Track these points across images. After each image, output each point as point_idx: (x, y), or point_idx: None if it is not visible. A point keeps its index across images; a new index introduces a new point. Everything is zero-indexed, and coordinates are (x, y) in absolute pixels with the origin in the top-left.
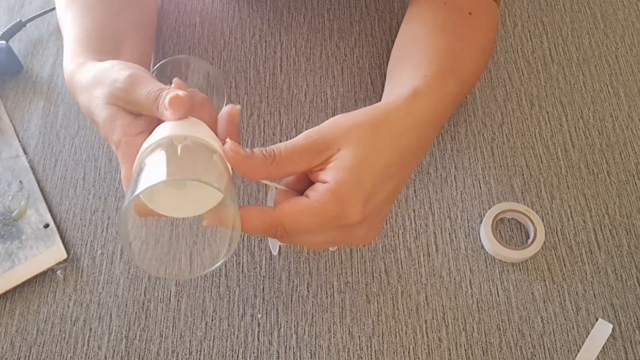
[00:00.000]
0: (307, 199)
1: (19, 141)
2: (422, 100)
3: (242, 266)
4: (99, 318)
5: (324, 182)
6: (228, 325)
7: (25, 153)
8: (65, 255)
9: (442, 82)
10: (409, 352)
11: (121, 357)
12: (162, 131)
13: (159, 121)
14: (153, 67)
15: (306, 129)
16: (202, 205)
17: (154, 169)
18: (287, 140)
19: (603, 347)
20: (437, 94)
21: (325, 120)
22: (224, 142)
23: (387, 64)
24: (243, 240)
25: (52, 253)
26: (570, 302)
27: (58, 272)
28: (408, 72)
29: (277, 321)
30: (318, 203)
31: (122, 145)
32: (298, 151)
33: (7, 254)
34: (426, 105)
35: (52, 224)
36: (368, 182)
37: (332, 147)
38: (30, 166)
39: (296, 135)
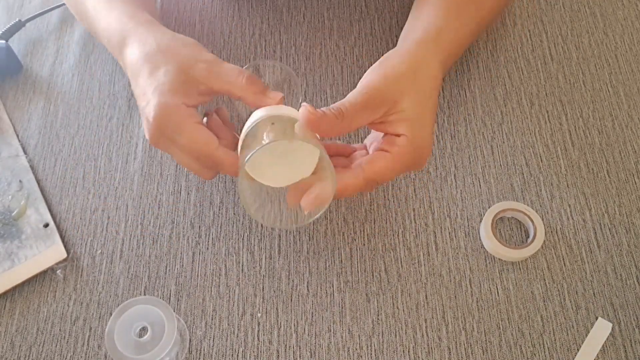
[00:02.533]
0: (390, 154)
1: (19, 140)
2: (445, 37)
3: (242, 265)
4: (99, 317)
5: (399, 135)
6: (228, 324)
7: (25, 152)
8: (65, 255)
9: (460, 17)
10: (408, 351)
11: None
12: (257, 114)
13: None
14: None
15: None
16: (300, 172)
17: (257, 140)
18: None
19: (603, 346)
20: (456, 26)
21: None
22: None
23: None
24: (243, 238)
25: (52, 252)
26: (570, 301)
27: (58, 271)
28: (427, 9)
29: (277, 320)
30: (400, 154)
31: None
32: (359, 108)
33: (7, 254)
34: (447, 41)
35: (51, 223)
36: (429, 124)
37: (388, 100)
38: (30, 166)
39: None
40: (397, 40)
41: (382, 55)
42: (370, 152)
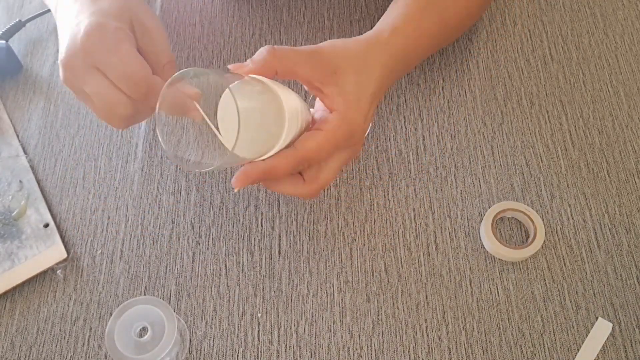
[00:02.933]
0: (323, 132)
1: (19, 141)
2: (399, 36)
3: (242, 265)
4: (99, 317)
5: (332, 110)
6: (228, 324)
7: (25, 153)
8: (65, 255)
9: (420, 19)
10: (409, 351)
11: None
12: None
13: None
14: None
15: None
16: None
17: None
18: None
19: (603, 346)
20: (412, 30)
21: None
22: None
23: None
24: (243, 238)
25: (52, 252)
26: (570, 301)
27: (58, 271)
28: (395, 7)
29: (277, 320)
30: (332, 130)
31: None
32: (302, 56)
33: (7, 254)
34: (402, 41)
35: (52, 223)
36: (365, 105)
37: (330, 65)
38: (30, 166)
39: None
40: None
41: None
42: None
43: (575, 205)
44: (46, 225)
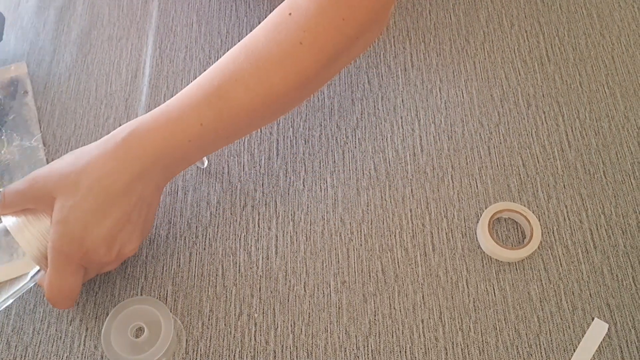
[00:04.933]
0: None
1: (41, 131)
2: (135, 139)
3: (239, 266)
4: (96, 318)
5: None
6: (225, 324)
7: (44, 145)
8: None
9: (189, 114)
10: (405, 352)
11: None
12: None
13: None
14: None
15: (302, 128)
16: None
17: None
18: (285, 136)
19: (599, 346)
20: (165, 129)
21: (320, 119)
22: None
23: (384, 63)
24: (240, 239)
25: None
26: (567, 302)
27: None
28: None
29: (274, 321)
30: (52, 265)
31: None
32: (20, 195)
33: (7, 247)
34: (140, 143)
35: None
36: (78, 226)
37: (47, 195)
38: (46, 160)
39: (294, 139)
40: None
41: (380, 55)
42: None
43: (572, 206)
44: None
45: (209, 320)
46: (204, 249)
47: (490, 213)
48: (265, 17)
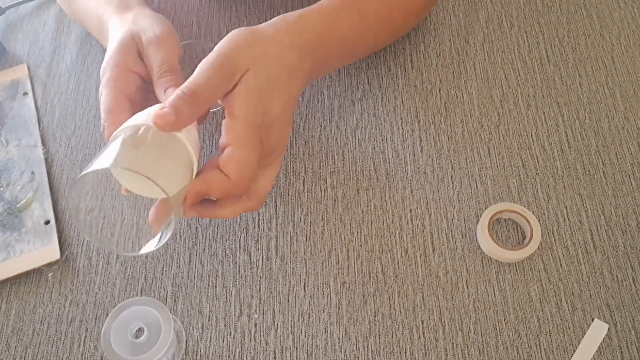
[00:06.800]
0: (232, 145)
1: (40, 131)
2: (306, 22)
3: (239, 266)
4: (95, 318)
5: (233, 116)
6: (224, 325)
7: (43, 144)
8: (58, 257)
9: (339, 11)
10: (405, 353)
11: None
12: (140, 116)
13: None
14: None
15: (302, 128)
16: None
17: (111, 152)
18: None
19: (599, 347)
20: (320, 17)
21: (320, 120)
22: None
23: (383, 64)
24: (239, 239)
25: (47, 251)
26: (567, 302)
27: (49, 274)
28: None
29: (274, 321)
30: (241, 139)
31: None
32: (214, 80)
33: (4, 244)
34: (311, 27)
35: (52, 221)
36: (267, 96)
37: (242, 68)
38: (45, 159)
39: (294, 140)
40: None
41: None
42: None
43: (572, 207)
44: (47, 222)
45: (208, 320)
46: (204, 249)
47: (490, 214)
48: (265, 18)
